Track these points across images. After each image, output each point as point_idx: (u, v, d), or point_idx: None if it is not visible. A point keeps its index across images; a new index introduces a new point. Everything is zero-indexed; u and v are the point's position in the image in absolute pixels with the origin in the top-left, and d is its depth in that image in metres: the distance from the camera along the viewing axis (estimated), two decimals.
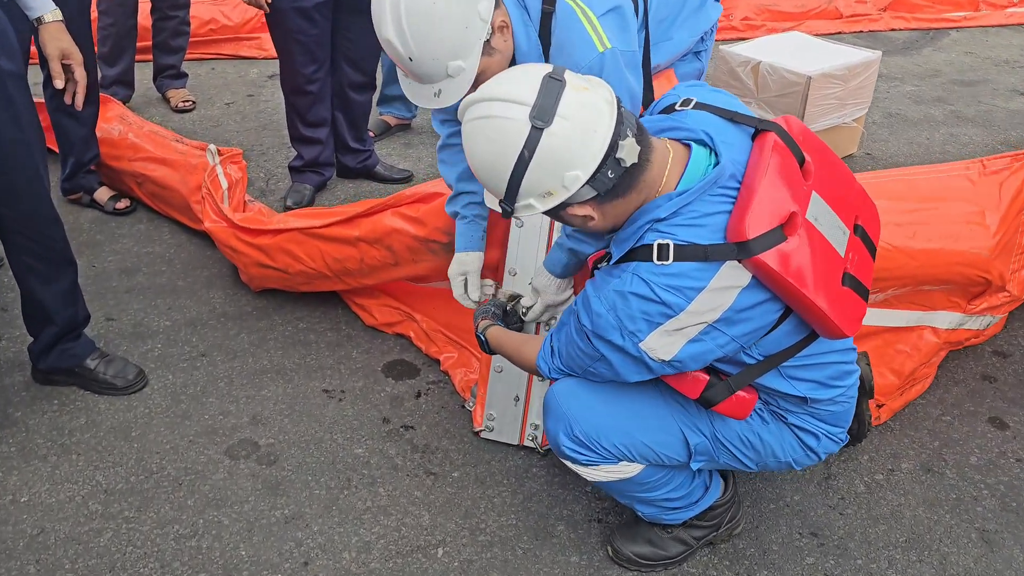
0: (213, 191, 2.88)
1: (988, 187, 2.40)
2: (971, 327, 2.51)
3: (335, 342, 2.73)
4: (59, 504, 2.14)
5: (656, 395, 1.74)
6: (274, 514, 2.12)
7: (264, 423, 2.41)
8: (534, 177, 1.46)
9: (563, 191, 1.47)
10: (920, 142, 4.33)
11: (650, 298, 1.48)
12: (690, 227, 1.48)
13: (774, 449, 1.76)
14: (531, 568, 2.00)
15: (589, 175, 1.45)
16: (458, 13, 1.70)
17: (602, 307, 1.52)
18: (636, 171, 1.49)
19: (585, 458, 1.75)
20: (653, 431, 1.74)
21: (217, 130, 4.18)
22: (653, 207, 1.51)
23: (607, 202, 1.51)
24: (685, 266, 1.47)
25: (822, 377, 1.70)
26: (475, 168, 1.55)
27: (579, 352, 1.63)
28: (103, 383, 2.47)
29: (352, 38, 3.25)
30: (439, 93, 1.80)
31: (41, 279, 2.31)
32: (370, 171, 3.67)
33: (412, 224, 2.45)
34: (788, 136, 1.57)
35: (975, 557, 2.04)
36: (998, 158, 2.45)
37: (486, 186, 1.57)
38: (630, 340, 1.52)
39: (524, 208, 1.53)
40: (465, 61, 1.76)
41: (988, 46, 5.88)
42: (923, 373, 2.51)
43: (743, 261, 1.45)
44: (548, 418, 1.78)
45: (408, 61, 1.76)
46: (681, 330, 1.50)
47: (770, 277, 1.47)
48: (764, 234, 1.44)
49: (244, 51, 5.01)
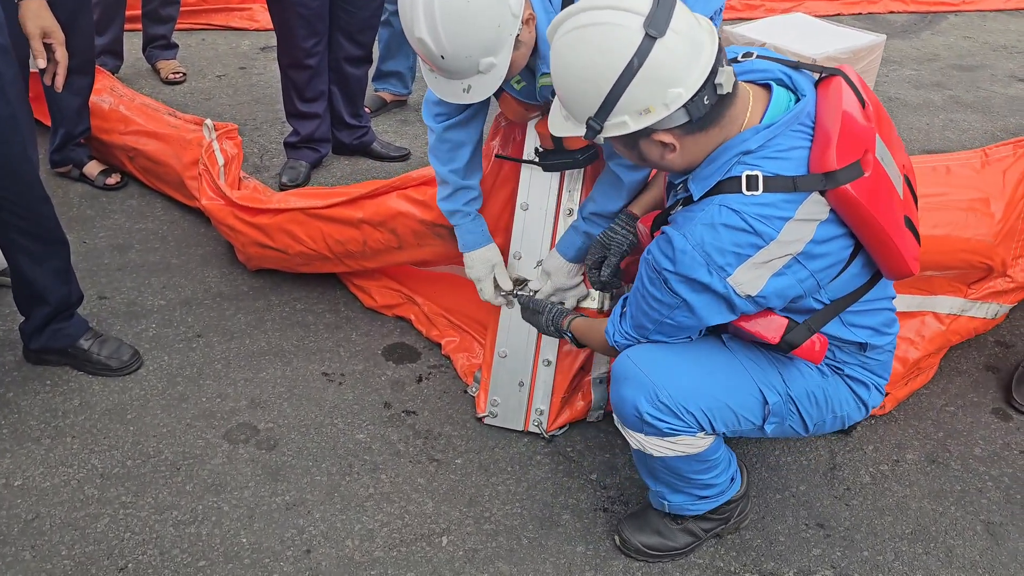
0: (210, 167, 2.81)
1: (992, 175, 2.40)
2: (976, 315, 2.50)
3: (334, 324, 2.69)
4: (54, 488, 2.09)
5: (731, 356, 1.73)
6: (275, 500, 2.09)
7: (263, 406, 2.36)
8: (637, 90, 1.44)
9: (662, 109, 1.45)
10: (920, 128, 4.31)
11: (742, 228, 1.48)
12: (775, 160, 1.51)
13: (833, 405, 1.79)
14: (537, 558, 1.98)
15: (691, 95, 1.44)
16: (492, 11, 1.69)
17: (688, 244, 1.51)
18: (726, 103, 1.50)
19: (668, 427, 1.70)
20: (734, 392, 1.72)
21: (209, 103, 4.08)
22: (740, 140, 1.53)
23: (692, 133, 1.51)
24: (774, 196, 1.49)
25: (876, 323, 1.74)
26: (568, 82, 1.51)
27: (655, 304, 1.61)
28: (97, 364, 2.41)
29: (351, 11, 3.17)
30: (469, 89, 1.78)
31: (32, 258, 2.24)
32: (366, 148, 3.60)
33: (418, 207, 2.40)
34: (851, 82, 1.59)
35: (980, 550, 2.04)
36: (1000, 146, 2.45)
37: (575, 103, 1.52)
38: (718, 276, 1.51)
39: (616, 126, 1.50)
40: (496, 57, 1.74)
41: (986, 30, 5.85)
42: (928, 363, 2.50)
43: (827, 193, 1.49)
44: (624, 386, 1.71)
45: (440, 59, 1.73)
46: (768, 263, 1.51)
47: (852, 207, 1.49)
48: (847, 166, 1.48)
49: (235, 22, 4.90)
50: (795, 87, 1.60)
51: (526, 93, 1.99)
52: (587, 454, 2.26)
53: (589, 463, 2.24)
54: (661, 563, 1.97)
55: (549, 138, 2.07)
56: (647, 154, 1.57)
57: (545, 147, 2.12)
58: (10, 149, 2.07)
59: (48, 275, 2.29)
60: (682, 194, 1.63)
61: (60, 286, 2.33)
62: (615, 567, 1.96)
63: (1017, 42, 5.68)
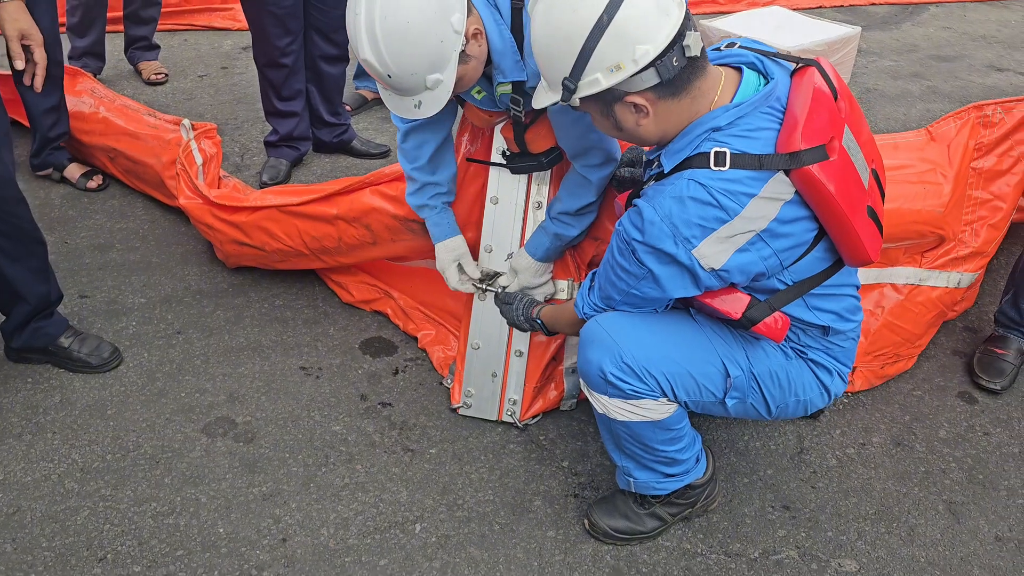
0: (188, 167, 2.84)
1: (937, 150, 2.49)
2: (937, 284, 2.55)
3: (312, 319, 2.73)
4: (35, 483, 2.13)
5: (697, 328, 1.79)
6: (252, 491, 2.13)
7: (241, 401, 2.40)
8: (607, 46, 1.50)
9: (632, 65, 1.51)
10: (897, 117, 4.35)
11: (708, 202, 1.54)
12: (743, 138, 1.57)
13: (796, 388, 1.84)
14: (508, 543, 2.02)
15: (659, 52, 1.50)
16: (432, 30, 1.71)
17: (656, 215, 1.56)
18: (696, 71, 1.56)
19: (630, 388, 1.75)
20: (697, 361, 1.77)
21: (190, 103, 4.12)
22: (710, 117, 1.59)
23: (664, 98, 1.56)
24: (740, 173, 1.54)
25: (840, 308, 1.80)
26: (544, 43, 1.57)
27: (622, 273, 1.67)
28: (77, 361, 2.45)
29: (324, 9, 3.21)
30: (419, 104, 1.82)
31: (8, 257, 2.28)
32: (346, 146, 3.64)
33: (391, 203, 2.44)
34: (825, 73, 1.66)
35: (942, 528, 2.09)
36: (942, 121, 2.55)
37: (551, 66, 1.58)
38: (683, 247, 1.57)
39: (589, 84, 1.55)
40: (443, 73, 1.77)
41: (966, 21, 5.90)
42: (907, 352, 2.55)
43: (791, 173, 1.54)
44: (590, 348, 1.77)
45: (387, 78, 1.77)
46: (732, 237, 1.57)
47: (815, 188, 1.55)
48: (812, 148, 1.54)
49: (217, 22, 4.93)
50: (766, 71, 1.66)
51: (487, 102, 2.04)
52: (559, 442, 2.31)
53: (561, 451, 2.28)
54: (629, 546, 2.01)
55: (514, 142, 2.12)
56: (622, 121, 1.62)
57: (511, 151, 2.17)
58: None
59: (26, 274, 2.32)
60: (656, 169, 1.69)
61: (39, 285, 2.36)
62: (584, 551, 2.01)
63: (997, 32, 5.73)
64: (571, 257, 2.30)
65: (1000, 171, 2.57)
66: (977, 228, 2.57)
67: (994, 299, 2.90)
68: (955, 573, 1.98)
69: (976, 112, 2.53)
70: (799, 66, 1.69)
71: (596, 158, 2.02)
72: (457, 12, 1.73)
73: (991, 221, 2.58)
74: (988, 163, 2.56)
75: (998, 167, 2.56)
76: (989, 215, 2.58)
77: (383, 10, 1.69)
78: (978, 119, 2.53)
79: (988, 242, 2.59)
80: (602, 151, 2.01)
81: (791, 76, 1.67)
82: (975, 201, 2.56)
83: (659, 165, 1.67)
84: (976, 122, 2.53)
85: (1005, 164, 2.56)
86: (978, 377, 2.51)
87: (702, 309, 1.75)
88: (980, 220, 2.58)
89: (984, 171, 2.56)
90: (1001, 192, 2.57)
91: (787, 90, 1.63)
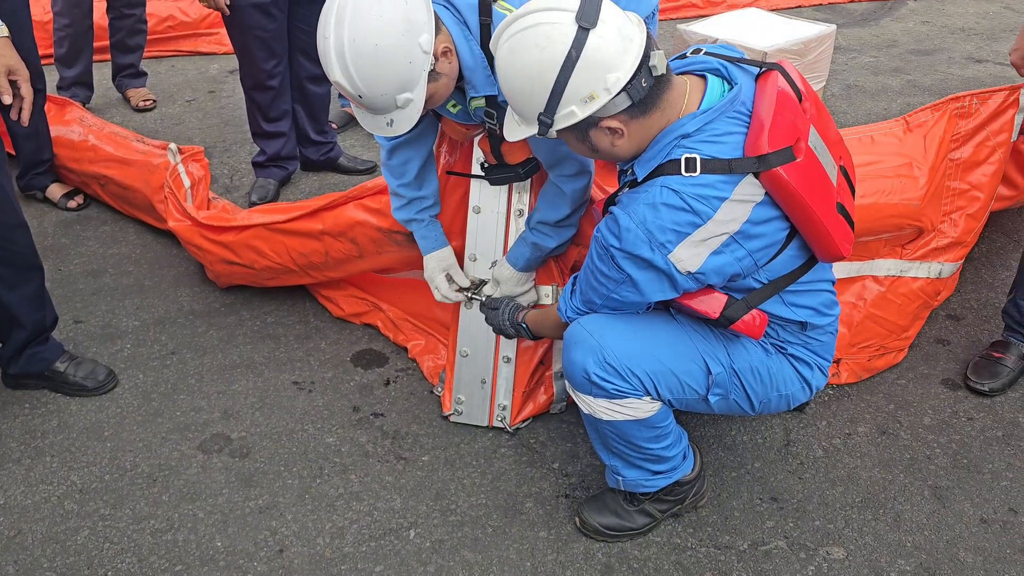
0: (176, 190, 2.89)
1: (914, 140, 2.53)
2: (918, 275, 2.58)
3: (303, 334, 2.77)
4: (35, 505, 2.17)
5: (678, 328, 1.83)
6: (248, 505, 2.17)
7: (236, 417, 2.44)
8: (579, 79, 1.55)
9: (604, 94, 1.57)
10: (877, 112, 4.40)
11: (680, 207, 1.59)
12: (712, 143, 1.61)
13: (777, 383, 1.88)
14: (501, 545, 2.05)
15: (629, 78, 1.56)
16: (401, 51, 1.74)
17: (631, 222, 1.61)
18: (663, 87, 1.62)
19: (614, 387, 1.79)
20: (679, 359, 1.81)
21: (179, 128, 4.17)
22: (679, 125, 1.64)
23: (636, 117, 1.62)
24: (711, 178, 1.59)
25: (817, 304, 1.84)
26: (514, 83, 1.62)
27: (602, 279, 1.71)
28: (74, 385, 2.49)
29: (308, 30, 3.26)
30: (391, 123, 1.85)
31: (6, 284, 2.32)
32: (334, 163, 3.69)
33: (375, 216, 2.48)
34: (788, 76, 1.72)
35: (928, 513, 2.12)
36: (919, 112, 2.59)
37: (525, 103, 1.63)
38: (659, 252, 1.61)
39: (565, 117, 1.60)
40: (412, 92, 1.81)
41: (945, 14, 5.96)
42: (895, 345, 2.58)
43: (760, 175, 1.59)
44: (575, 349, 1.81)
45: (359, 98, 1.81)
46: (706, 240, 1.62)
47: (784, 189, 1.60)
48: (779, 150, 1.58)
49: (204, 47, 4.99)
50: (730, 77, 1.70)
51: (462, 116, 2.09)
52: (550, 444, 2.34)
53: (551, 453, 2.32)
54: (620, 543, 2.05)
55: (491, 154, 2.17)
56: (598, 144, 1.67)
57: (489, 162, 2.21)
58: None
59: (23, 301, 2.37)
60: (629, 177, 1.73)
61: (34, 311, 2.41)
62: (576, 549, 2.04)
63: (976, 24, 5.79)
64: (554, 262, 2.34)
65: (977, 161, 2.61)
66: (956, 218, 2.62)
67: (976, 287, 2.94)
68: (941, 556, 2.01)
69: (953, 104, 2.57)
70: (763, 70, 1.74)
71: (570, 168, 2.07)
72: (425, 32, 1.77)
73: (969, 211, 2.62)
74: (965, 153, 2.59)
75: (975, 157, 2.60)
76: (967, 205, 2.62)
77: (351, 33, 1.72)
78: (955, 110, 2.57)
79: (967, 232, 2.63)
80: (576, 162, 2.06)
81: (755, 80, 1.72)
82: (953, 192, 2.60)
83: (632, 173, 1.72)
84: (953, 113, 2.57)
85: (982, 154, 2.60)
86: (967, 379, 2.51)
87: (681, 310, 1.80)
88: (959, 210, 2.62)
89: (962, 161, 2.60)
90: (978, 182, 2.61)
91: (752, 94, 1.68)
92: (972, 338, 2.71)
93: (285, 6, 3.16)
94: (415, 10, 1.75)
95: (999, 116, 2.58)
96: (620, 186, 1.80)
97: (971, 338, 2.71)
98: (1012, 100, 2.56)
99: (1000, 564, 1.99)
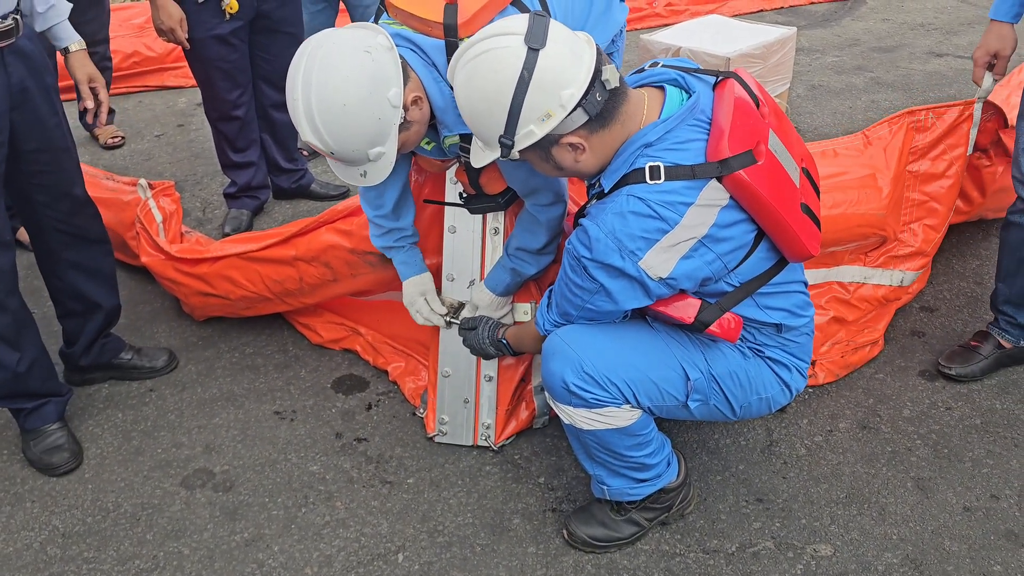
0: (147, 225, 2.87)
1: (874, 153, 2.60)
2: (881, 282, 2.64)
3: (283, 364, 2.76)
4: (16, 552, 2.14)
5: (655, 335, 1.85)
6: (234, 539, 2.15)
7: (218, 451, 2.42)
8: (534, 98, 1.58)
9: (560, 111, 1.60)
10: (843, 111, 4.46)
11: (647, 215, 1.61)
12: (675, 151, 1.65)
13: (757, 386, 1.90)
14: (490, 563, 2.05)
15: (582, 92, 1.59)
16: (369, 108, 1.75)
17: (601, 232, 1.63)
18: (619, 100, 1.65)
19: (593, 396, 1.79)
20: (657, 366, 1.82)
21: (149, 163, 4.16)
22: (640, 135, 1.67)
23: (596, 131, 1.65)
24: (675, 184, 1.62)
25: (790, 305, 1.86)
26: (473, 109, 1.65)
27: (576, 290, 1.73)
28: (143, 369, 2.67)
29: (269, 59, 3.27)
30: (364, 174, 1.86)
31: (83, 271, 2.50)
32: (305, 190, 3.69)
33: (346, 238, 2.48)
34: (745, 84, 1.76)
35: (912, 504, 2.13)
36: (877, 126, 2.67)
37: (484, 127, 1.65)
38: (630, 260, 1.63)
39: (525, 137, 1.63)
40: (384, 146, 1.81)
41: (904, 11, 6.06)
42: (864, 339, 2.61)
43: (723, 179, 1.62)
44: (553, 360, 1.82)
45: (331, 154, 1.82)
46: (675, 246, 1.64)
47: (747, 192, 1.63)
48: (739, 154, 1.62)
49: (170, 81, 4.97)
50: (688, 87, 1.73)
51: (436, 152, 2.09)
52: (534, 459, 2.34)
53: (536, 468, 2.31)
54: (609, 554, 2.04)
55: (470, 185, 2.18)
56: (562, 162, 1.70)
57: (468, 192, 2.22)
58: (69, 177, 2.37)
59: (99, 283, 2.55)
60: (596, 190, 1.76)
61: (109, 292, 2.59)
62: (566, 563, 2.04)
63: (934, 19, 5.89)
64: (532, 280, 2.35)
65: (935, 174, 2.68)
66: (915, 229, 2.68)
67: (948, 277, 2.98)
68: (927, 547, 2.02)
69: (909, 117, 2.64)
70: (719, 79, 1.77)
71: (545, 198, 2.08)
72: (394, 87, 1.77)
73: (928, 222, 2.69)
74: (923, 166, 2.67)
75: (933, 170, 2.67)
76: (926, 215, 2.70)
77: (319, 92, 1.72)
78: (911, 123, 2.64)
79: (927, 242, 2.70)
80: (550, 191, 2.08)
81: (713, 89, 1.75)
82: (912, 202, 2.67)
83: (600, 186, 1.74)
84: (910, 126, 2.63)
85: (939, 167, 2.68)
86: (939, 364, 2.55)
87: (657, 317, 1.81)
88: (918, 221, 2.69)
89: (920, 174, 2.67)
90: (936, 194, 2.69)
91: (711, 102, 1.71)
92: (947, 328, 2.74)
93: (246, 36, 3.17)
94: (382, 65, 1.75)
95: (955, 130, 2.65)
96: (588, 199, 1.82)
97: (946, 329, 2.74)
98: (966, 115, 2.64)
99: (984, 551, 2.01)
